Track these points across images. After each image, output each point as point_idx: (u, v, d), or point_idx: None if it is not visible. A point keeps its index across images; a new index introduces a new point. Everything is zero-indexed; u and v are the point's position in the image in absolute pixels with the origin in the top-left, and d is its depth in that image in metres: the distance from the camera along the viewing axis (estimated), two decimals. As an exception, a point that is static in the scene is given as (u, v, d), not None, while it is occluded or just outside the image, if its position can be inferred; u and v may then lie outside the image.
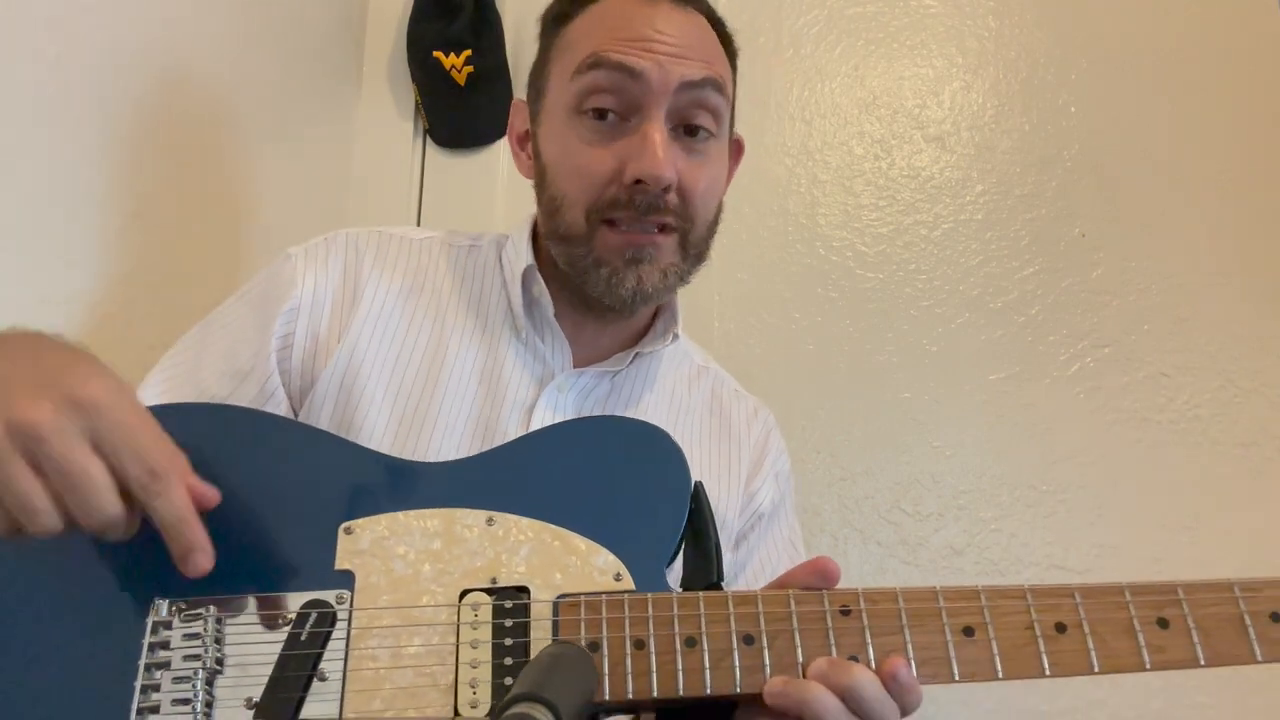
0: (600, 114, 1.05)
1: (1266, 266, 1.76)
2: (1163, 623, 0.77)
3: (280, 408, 1.04)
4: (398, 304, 1.11)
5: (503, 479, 0.86)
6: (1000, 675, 0.75)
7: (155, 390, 1.03)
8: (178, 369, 1.06)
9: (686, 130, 1.06)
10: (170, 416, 0.88)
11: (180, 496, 0.72)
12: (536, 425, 1.06)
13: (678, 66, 1.03)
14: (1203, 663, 0.76)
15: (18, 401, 0.67)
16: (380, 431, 1.02)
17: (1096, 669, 0.75)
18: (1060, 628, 0.77)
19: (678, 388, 1.21)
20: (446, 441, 1.04)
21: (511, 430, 1.06)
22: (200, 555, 0.73)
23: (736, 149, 1.24)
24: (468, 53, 1.76)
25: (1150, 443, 1.69)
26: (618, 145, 1.04)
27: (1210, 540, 1.63)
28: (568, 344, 1.12)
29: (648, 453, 0.88)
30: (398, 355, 1.07)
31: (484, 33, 1.79)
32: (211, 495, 0.77)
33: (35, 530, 0.69)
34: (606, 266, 1.05)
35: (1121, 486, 1.67)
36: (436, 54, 1.76)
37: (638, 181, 1.01)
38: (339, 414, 1.03)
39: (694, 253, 1.10)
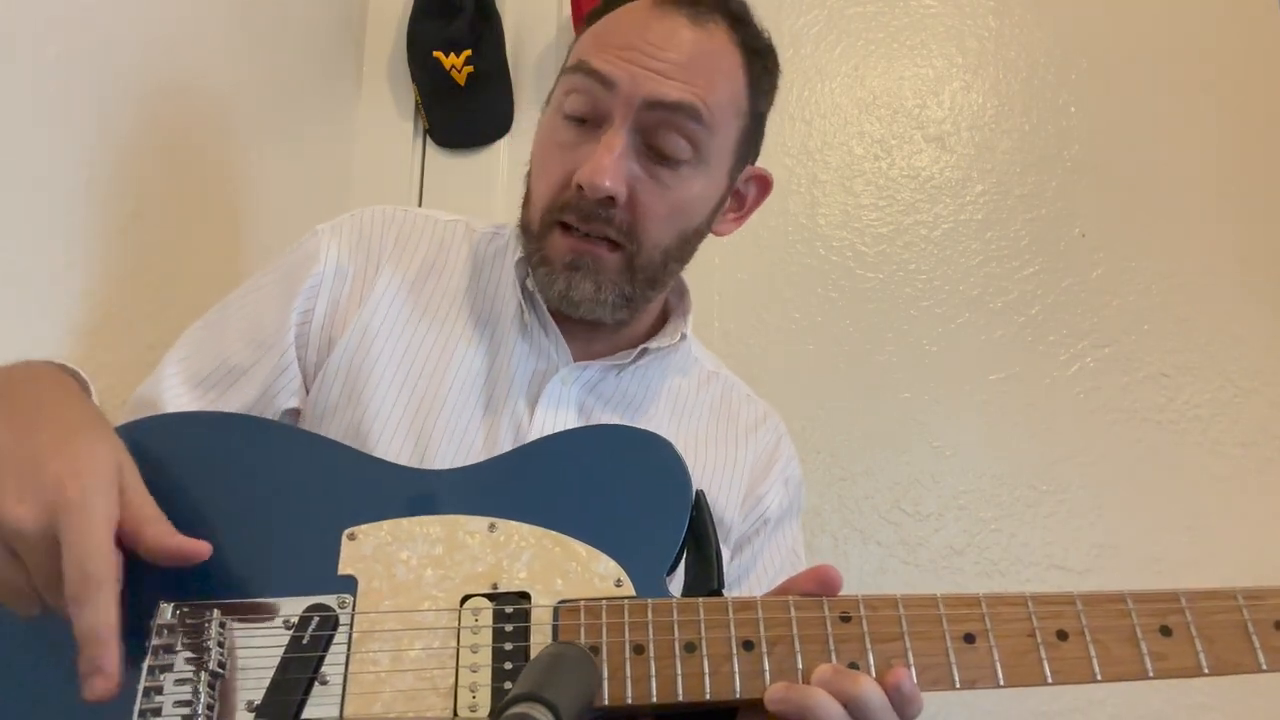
0: (578, 118, 1.04)
1: (1267, 267, 1.76)
2: (1165, 630, 0.77)
3: (293, 383, 1.05)
4: (415, 283, 1.11)
5: (505, 486, 0.86)
6: (1002, 683, 0.75)
7: (180, 355, 1.05)
8: (205, 334, 1.07)
9: (658, 150, 1.03)
10: (177, 424, 0.88)
11: (102, 614, 0.69)
12: (540, 416, 1.06)
13: (650, 82, 1.00)
14: (1206, 671, 0.75)
15: (4, 501, 0.71)
16: (388, 411, 1.02)
17: (1099, 677, 0.75)
18: (1062, 635, 0.77)
19: (684, 389, 1.21)
20: (454, 427, 1.04)
21: (518, 419, 1.06)
22: (100, 680, 0.69)
23: (760, 185, 1.21)
24: (468, 53, 1.76)
25: (1150, 443, 1.69)
26: (579, 150, 1.03)
27: (1210, 540, 1.63)
28: (562, 336, 1.12)
29: (650, 461, 0.88)
30: (411, 335, 1.08)
31: (484, 33, 1.80)
32: (202, 549, 0.77)
33: (18, 611, 0.75)
34: (546, 266, 1.05)
35: (1121, 486, 1.67)
36: (436, 54, 1.76)
37: (580, 187, 1.01)
38: (349, 389, 1.03)
39: (643, 277, 1.07)
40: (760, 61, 1.11)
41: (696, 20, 1.04)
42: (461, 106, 1.81)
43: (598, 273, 1.04)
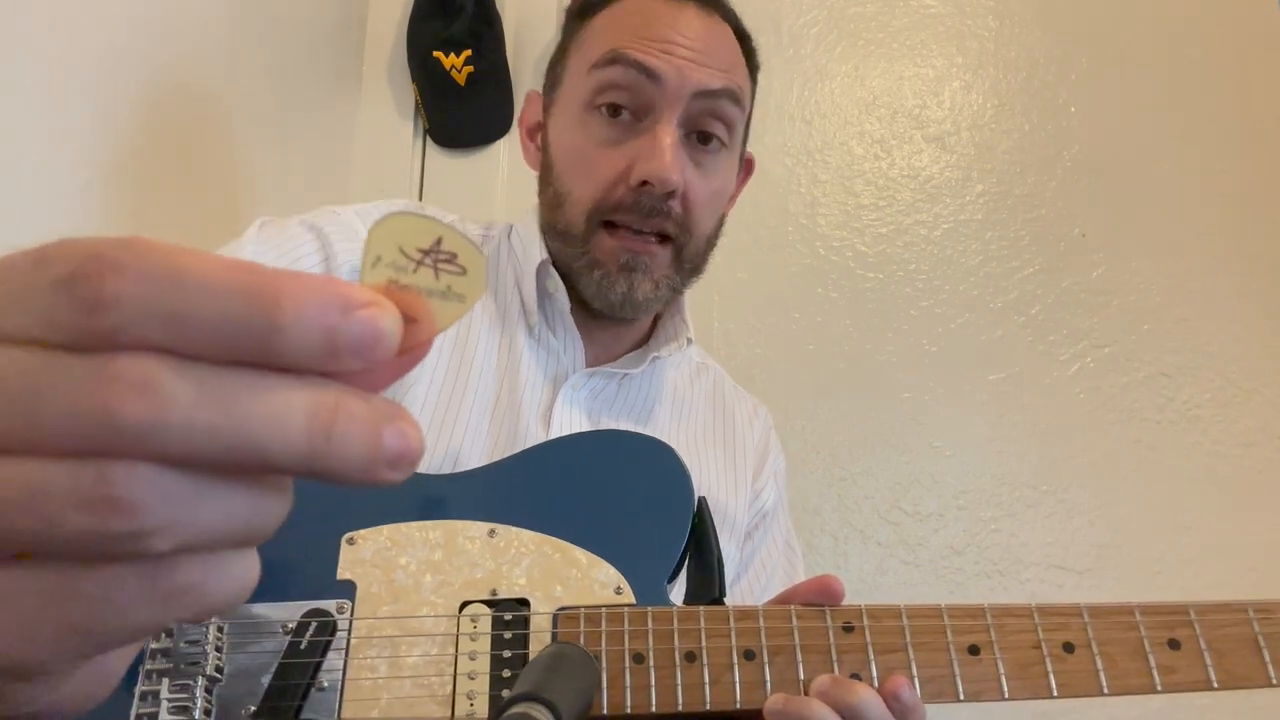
0: (614, 111, 1.04)
1: (1267, 266, 1.76)
2: (1174, 644, 0.76)
3: None
4: None
5: (506, 491, 0.86)
6: (1006, 695, 0.74)
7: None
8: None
9: (699, 137, 1.05)
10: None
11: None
12: (556, 424, 1.05)
13: (695, 72, 1.02)
14: (1215, 685, 0.74)
15: None
16: (417, 415, 0.99)
17: (1105, 690, 0.74)
18: (1068, 647, 0.76)
19: (680, 386, 1.21)
20: (476, 432, 1.02)
21: (532, 429, 1.04)
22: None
23: (746, 166, 1.23)
24: (468, 53, 1.76)
25: (1150, 443, 1.69)
26: (627, 146, 1.03)
27: (1210, 540, 1.63)
28: (581, 343, 1.11)
29: (652, 467, 0.88)
30: (440, 338, 1.05)
31: (484, 33, 1.79)
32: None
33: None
34: (600, 269, 1.04)
35: (1121, 486, 1.67)
36: (436, 54, 1.76)
37: (644, 183, 1.00)
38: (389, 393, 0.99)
39: (689, 266, 1.09)
40: (749, 45, 1.14)
41: (705, 10, 1.07)
42: (461, 106, 1.81)
43: (653, 270, 1.05)
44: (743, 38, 1.13)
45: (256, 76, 1.54)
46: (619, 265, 1.04)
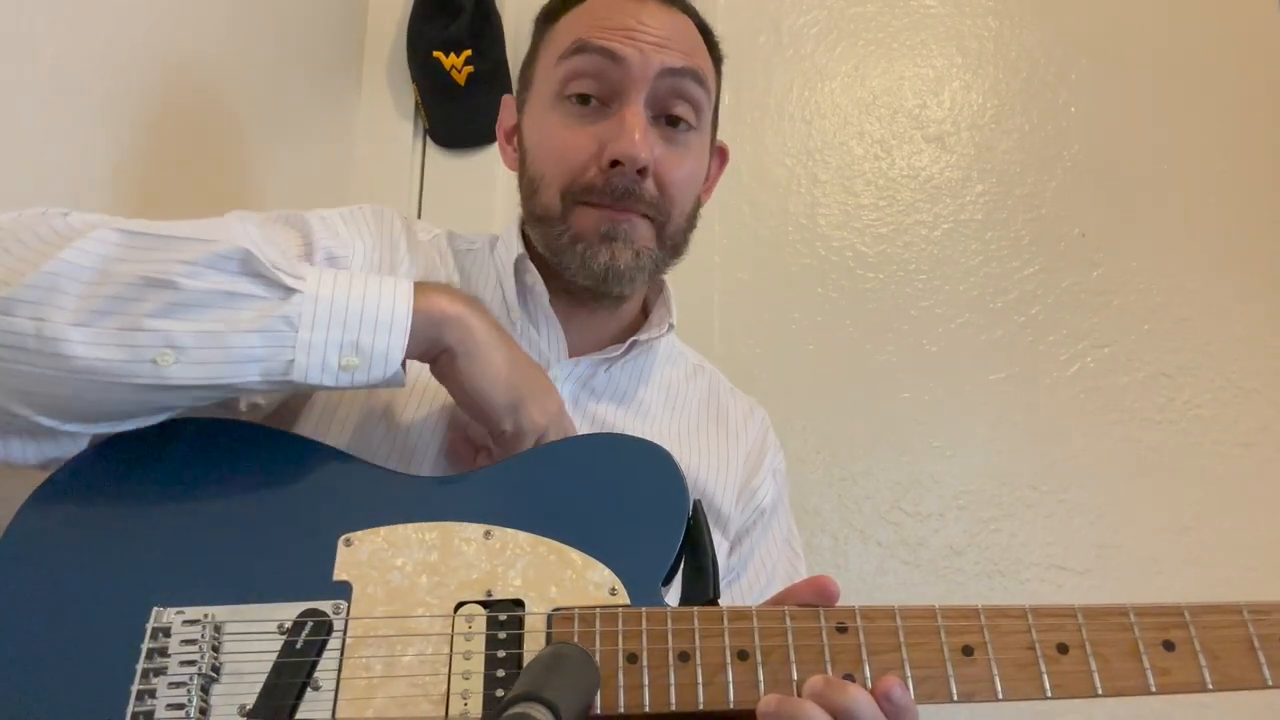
0: (583, 99, 1.07)
1: (1266, 266, 1.76)
2: (1168, 645, 0.75)
3: None
4: None
5: (502, 493, 0.86)
6: (1000, 696, 0.73)
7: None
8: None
9: (667, 120, 1.08)
10: (175, 427, 0.88)
11: None
12: None
13: (658, 54, 1.05)
14: (1210, 687, 0.73)
15: (532, 412, 0.91)
16: (399, 411, 1.00)
17: (1100, 691, 0.73)
18: (1062, 648, 0.75)
19: (674, 380, 1.21)
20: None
21: None
22: None
23: (720, 156, 1.25)
24: (467, 53, 1.76)
25: (1150, 442, 1.69)
26: (597, 128, 1.05)
27: (1210, 540, 1.63)
28: (562, 332, 1.11)
29: (648, 469, 0.87)
30: None
31: (484, 33, 1.79)
32: None
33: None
34: (581, 242, 1.05)
35: (1122, 486, 1.67)
36: (436, 54, 1.76)
37: (615, 163, 1.02)
38: (371, 395, 1.01)
39: (670, 244, 1.11)
40: (710, 38, 1.17)
41: (665, 3, 1.11)
42: (461, 106, 1.81)
43: (634, 240, 1.06)
44: (704, 30, 1.16)
45: (257, 76, 1.54)
46: (600, 235, 1.05)
